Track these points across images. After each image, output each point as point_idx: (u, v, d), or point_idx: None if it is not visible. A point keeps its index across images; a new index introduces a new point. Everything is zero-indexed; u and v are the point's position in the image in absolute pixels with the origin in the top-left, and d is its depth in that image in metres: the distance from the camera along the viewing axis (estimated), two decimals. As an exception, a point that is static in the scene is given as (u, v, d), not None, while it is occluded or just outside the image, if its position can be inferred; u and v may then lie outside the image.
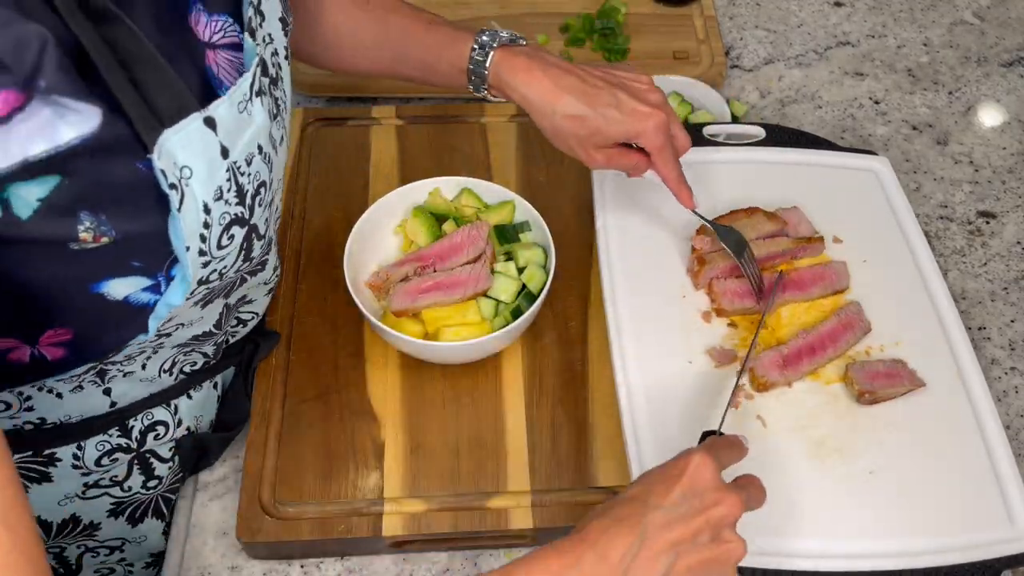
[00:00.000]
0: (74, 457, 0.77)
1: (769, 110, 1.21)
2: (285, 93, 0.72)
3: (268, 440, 0.87)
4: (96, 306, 0.61)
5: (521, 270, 0.93)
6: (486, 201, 0.98)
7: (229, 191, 0.61)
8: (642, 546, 0.60)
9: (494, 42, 0.84)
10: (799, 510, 0.78)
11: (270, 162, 0.67)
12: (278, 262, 0.84)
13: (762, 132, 1.04)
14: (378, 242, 0.96)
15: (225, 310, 0.77)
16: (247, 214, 0.64)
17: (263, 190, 0.66)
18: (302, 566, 0.84)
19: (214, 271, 0.64)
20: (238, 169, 0.62)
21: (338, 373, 0.92)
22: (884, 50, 1.29)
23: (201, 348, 0.80)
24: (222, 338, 0.82)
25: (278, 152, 0.69)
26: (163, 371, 0.78)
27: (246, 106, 0.62)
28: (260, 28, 0.66)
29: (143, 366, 0.75)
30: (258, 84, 0.63)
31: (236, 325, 0.85)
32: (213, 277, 0.65)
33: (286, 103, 0.72)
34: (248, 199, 0.64)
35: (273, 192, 0.70)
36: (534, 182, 1.07)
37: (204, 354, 0.82)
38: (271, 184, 0.68)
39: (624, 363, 0.85)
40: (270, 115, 0.66)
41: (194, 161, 0.58)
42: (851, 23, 1.32)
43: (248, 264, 0.70)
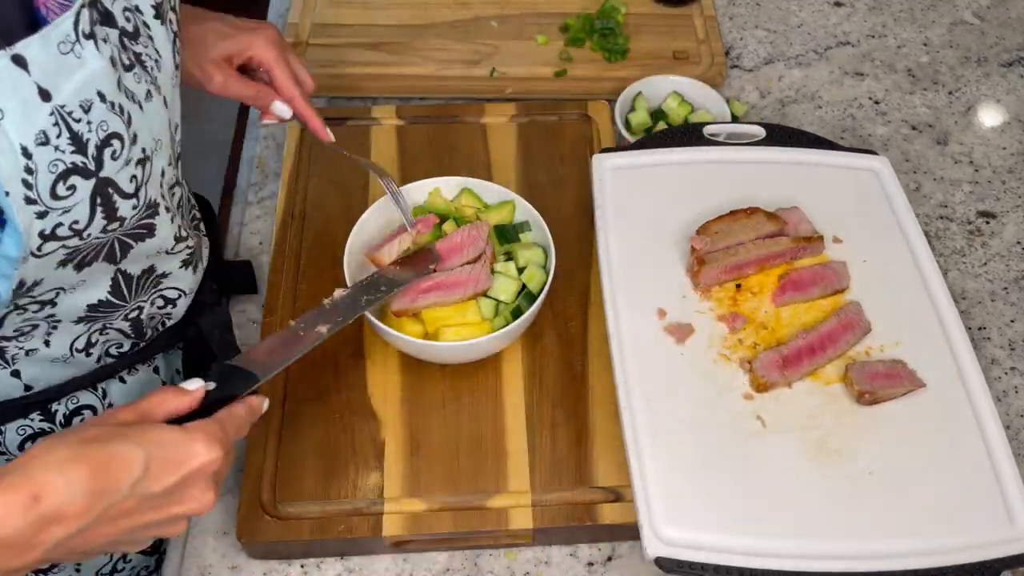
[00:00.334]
0: None
1: (769, 110, 1.21)
2: (159, 53, 0.70)
3: (268, 440, 0.87)
4: None
5: (521, 270, 0.93)
6: (486, 201, 0.98)
7: (59, 137, 0.59)
8: (100, 522, 0.57)
9: None
10: (798, 510, 0.78)
11: (125, 114, 0.64)
12: (191, 235, 0.80)
13: (762, 132, 1.04)
14: (378, 242, 0.96)
15: (121, 278, 0.75)
16: (91, 165, 0.62)
17: (116, 143, 0.63)
18: (302, 566, 0.84)
19: (60, 224, 0.62)
20: (70, 115, 0.59)
21: (338, 373, 0.92)
22: (884, 50, 1.29)
23: (113, 324, 0.78)
24: (135, 313, 0.79)
25: (144, 108, 0.66)
26: (76, 350, 0.77)
27: (72, 47, 0.59)
28: None
29: (46, 343, 0.74)
30: (86, 27, 0.60)
31: (164, 306, 0.82)
32: (62, 232, 0.62)
33: (159, 62, 0.70)
34: (90, 149, 0.61)
35: (146, 151, 0.67)
36: (534, 182, 1.07)
37: (123, 332, 0.80)
38: (132, 139, 0.65)
39: (624, 363, 0.85)
40: (117, 64, 0.63)
41: (3, 101, 0.55)
42: (851, 23, 1.32)
43: (119, 225, 0.67)
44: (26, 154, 0.57)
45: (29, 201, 0.59)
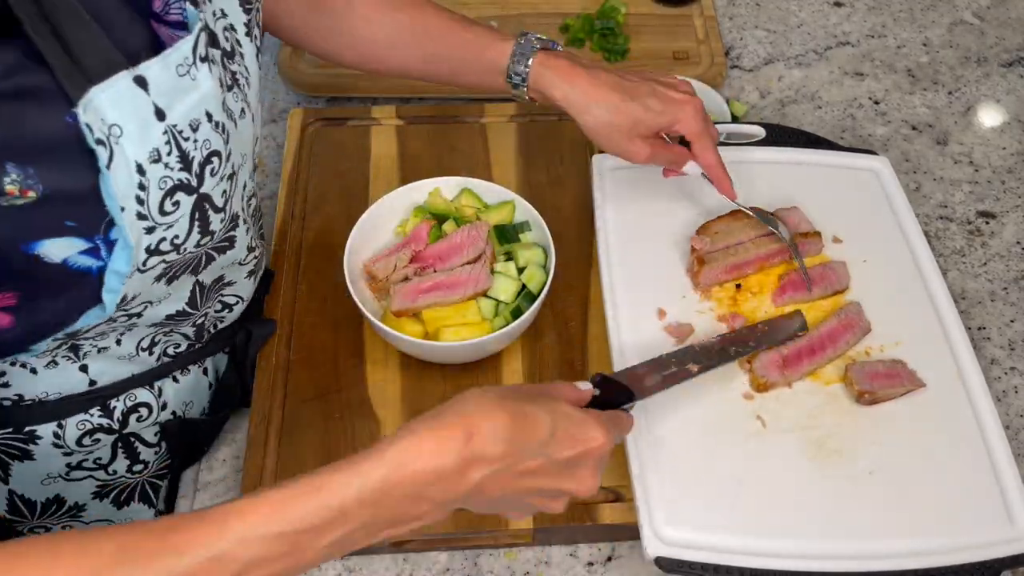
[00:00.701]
0: (55, 436, 0.78)
1: (769, 110, 1.21)
2: (248, 70, 0.73)
3: (268, 440, 0.87)
4: (34, 269, 0.60)
5: (521, 270, 0.93)
6: (486, 201, 0.98)
7: (169, 155, 0.61)
8: (509, 471, 0.61)
9: (535, 44, 0.88)
10: (799, 510, 0.78)
11: (225, 133, 0.66)
12: (258, 245, 0.84)
13: (762, 132, 1.04)
14: (378, 242, 0.96)
15: (198, 289, 0.77)
16: (194, 182, 0.64)
17: (216, 160, 0.66)
18: (302, 566, 0.84)
19: (163, 239, 0.64)
20: (180, 134, 0.61)
21: (338, 373, 0.92)
22: (884, 50, 1.29)
23: (180, 329, 0.80)
24: (201, 319, 0.82)
25: (238, 125, 0.69)
26: (141, 349, 0.78)
27: (188, 70, 0.61)
28: (209, 3, 0.67)
29: (118, 342, 0.76)
30: (203, 50, 0.63)
31: (221, 310, 0.85)
32: (165, 247, 0.65)
33: (248, 79, 0.73)
34: (195, 166, 0.64)
35: (235, 167, 0.69)
36: (534, 182, 1.07)
37: (185, 335, 0.82)
38: (227, 156, 0.67)
39: (624, 362, 0.85)
40: (222, 85, 0.66)
41: (124, 120, 0.58)
42: (851, 23, 1.32)
43: (210, 239, 0.69)
44: (140, 171, 0.59)
45: (140, 217, 0.61)
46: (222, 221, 0.70)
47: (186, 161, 0.63)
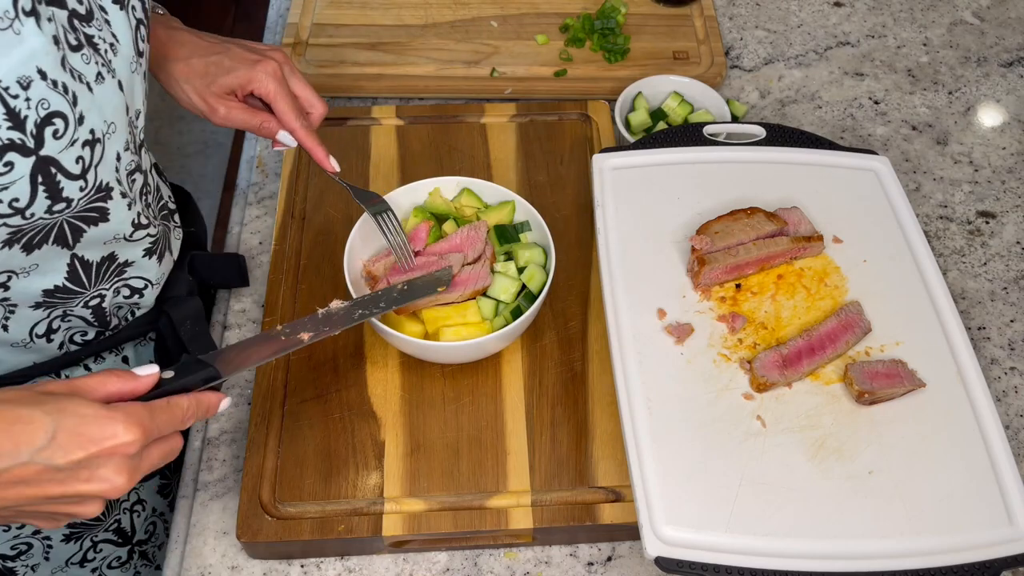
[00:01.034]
0: None
1: (769, 110, 1.21)
2: (117, 37, 0.70)
3: (268, 440, 0.87)
4: None
5: (521, 270, 0.93)
6: (486, 201, 0.98)
7: None
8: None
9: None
10: (799, 510, 0.78)
11: (70, 94, 0.64)
12: (154, 223, 0.81)
13: (762, 132, 1.04)
14: (378, 242, 0.96)
15: (79, 264, 0.75)
16: (30, 143, 0.62)
17: (59, 121, 0.63)
18: (302, 566, 0.84)
19: (0, 202, 0.62)
20: (6, 90, 0.60)
21: (338, 373, 0.92)
22: (884, 50, 1.29)
23: (74, 311, 0.78)
24: (97, 300, 0.80)
25: (94, 90, 0.67)
26: (36, 336, 0.77)
27: (11, 23, 0.59)
28: None
29: (4, 327, 0.75)
30: (27, 4, 0.60)
31: (131, 295, 0.83)
32: (3, 210, 0.63)
33: (114, 44, 0.70)
34: (30, 126, 0.62)
35: (97, 134, 0.67)
36: (534, 182, 1.07)
37: (85, 320, 0.80)
38: (79, 120, 0.65)
39: (623, 362, 0.85)
40: (61, 43, 0.63)
41: None
42: (851, 23, 1.32)
43: (66, 207, 0.67)
44: None
45: None
46: (82, 189, 0.67)
47: (16, 120, 0.60)
